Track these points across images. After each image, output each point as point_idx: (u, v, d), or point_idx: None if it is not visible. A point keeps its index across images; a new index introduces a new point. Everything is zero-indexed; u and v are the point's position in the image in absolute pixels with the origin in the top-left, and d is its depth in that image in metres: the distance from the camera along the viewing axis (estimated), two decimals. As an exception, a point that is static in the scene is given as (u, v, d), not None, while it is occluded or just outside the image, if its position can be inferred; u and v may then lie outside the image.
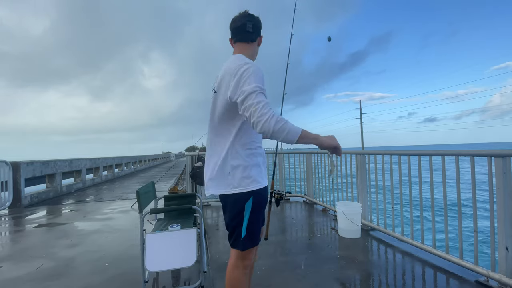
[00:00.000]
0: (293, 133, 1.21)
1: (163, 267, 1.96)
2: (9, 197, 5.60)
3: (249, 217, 1.39)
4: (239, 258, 1.45)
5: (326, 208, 4.51)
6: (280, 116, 1.21)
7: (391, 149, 3.15)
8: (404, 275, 2.30)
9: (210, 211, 4.75)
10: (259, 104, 1.21)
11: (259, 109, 1.20)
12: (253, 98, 1.22)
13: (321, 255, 2.73)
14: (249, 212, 1.39)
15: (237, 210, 1.40)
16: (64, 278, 2.40)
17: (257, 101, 1.22)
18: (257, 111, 1.20)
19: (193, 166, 4.74)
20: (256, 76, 1.28)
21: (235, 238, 1.43)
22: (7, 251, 3.14)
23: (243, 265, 1.45)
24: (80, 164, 8.94)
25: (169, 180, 10.48)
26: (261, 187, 1.42)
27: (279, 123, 1.19)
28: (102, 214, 4.85)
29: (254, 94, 1.23)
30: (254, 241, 1.44)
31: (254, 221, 1.41)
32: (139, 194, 2.10)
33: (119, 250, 3.05)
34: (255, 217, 1.41)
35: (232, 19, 1.53)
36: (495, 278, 2.03)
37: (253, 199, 1.39)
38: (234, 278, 1.44)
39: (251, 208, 1.39)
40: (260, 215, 1.45)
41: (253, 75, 1.28)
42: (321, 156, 4.70)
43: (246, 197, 1.38)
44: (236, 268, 1.45)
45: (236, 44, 1.54)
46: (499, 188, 2.01)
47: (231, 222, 1.43)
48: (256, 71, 1.31)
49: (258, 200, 1.41)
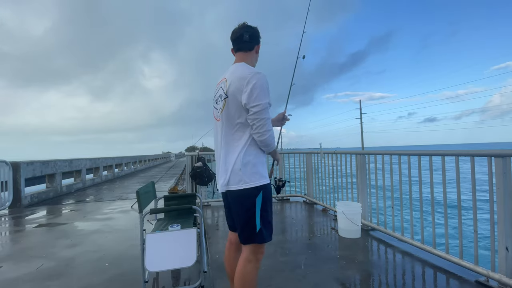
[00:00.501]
0: (272, 147, 1.59)
1: (163, 267, 1.96)
2: (9, 197, 5.60)
3: (261, 210, 1.52)
4: (252, 253, 1.53)
5: (326, 208, 4.51)
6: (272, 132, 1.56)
7: (391, 149, 3.15)
8: (404, 275, 2.30)
9: (210, 211, 4.75)
10: (267, 121, 1.51)
11: (267, 125, 1.51)
12: (264, 114, 1.49)
13: (321, 255, 2.73)
14: (260, 206, 1.51)
15: (249, 205, 1.51)
16: (64, 278, 2.40)
17: (266, 117, 1.50)
18: (265, 126, 1.50)
19: (193, 166, 4.74)
20: (266, 91, 1.52)
21: (250, 232, 1.52)
22: (7, 251, 3.14)
23: (256, 259, 1.53)
24: (80, 164, 8.94)
25: (169, 180, 10.48)
26: (268, 182, 1.59)
27: (272, 139, 1.57)
28: (102, 214, 4.85)
29: (265, 111, 1.50)
30: (270, 232, 1.57)
31: (266, 214, 1.55)
32: (139, 194, 2.10)
33: (119, 250, 3.05)
34: (266, 209, 1.56)
35: (232, 31, 1.71)
36: (495, 278, 2.03)
37: (263, 193, 1.53)
38: (248, 272, 1.51)
39: (262, 201, 1.52)
40: (270, 208, 1.60)
41: (264, 89, 1.51)
42: (321, 156, 4.70)
43: (256, 192, 1.52)
44: (249, 262, 1.52)
45: (237, 53, 1.71)
46: (499, 188, 2.01)
47: (245, 217, 1.53)
48: (265, 84, 1.53)
49: (268, 193, 1.57)
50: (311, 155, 5.13)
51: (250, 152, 1.55)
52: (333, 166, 4.24)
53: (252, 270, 1.52)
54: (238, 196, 1.54)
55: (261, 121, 1.48)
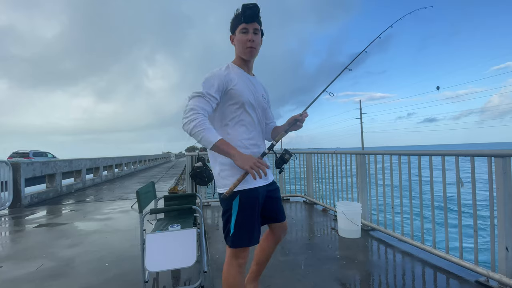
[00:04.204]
0: (205, 142, 1.31)
1: (163, 267, 1.96)
2: (9, 197, 5.60)
3: (237, 215, 1.43)
4: (231, 256, 1.49)
5: (326, 208, 4.51)
6: (201, 123, 1.29)
7: (391, 149, 3.15)
8: (404, 275, 2.30)
9: (210, 211, 4.75)
10: (188, 109, 1.33)
11: (185, 112, 1.33)
12: (189, 101, 1.35)
13: (321, 255, 2.73)
14: (236, 210, 1.43)
15: (225, 208, 1.47)
16: (64, 278, 2.40)
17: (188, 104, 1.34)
18: (184, 114, 1.33)
19: (193, 166, 4.74)
20: (208, 81, 1.40)
21: (225, 235, 1.49)
22: (7, 251, 3.14)
23: (236, 263, 1.47)
24: (80, 164, 8.94)
25: (169, 180, 10.48)
26: (248, 188, 1.44)
27: (198, 133, 1.29)
28: (102, 214, 4.85)
29: (193, 99, 1.35)
30: (243, 241, 1.45)
31: (242, 219, 1.43)
32: (139, 194, 2.10)
33: (119, 250, 3.05)
34: (244, 214, 1.43)
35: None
36: (495, 278, 2.02)
37: (240, 197, 1.43)
38: (230, 276, 1.48)
39: (238, 206, 1.43)
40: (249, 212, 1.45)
41: (206, 79, 1.40)
42: (321, 156, 4.70)
43: (233, 196, 1.41)
44: (229, 265, 1.49)
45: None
46: (499, 188, 2.01)
47: (223, 219, 1.51)
48: (211, 75, 1.41)
49: (246, 198, 1.43)
50: (311, 155, 5.12)
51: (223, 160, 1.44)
52: (333, 166, 4.24)
53: (233, 272, 1.47)
54: (220, 199, 1.49)
55: (185, 108, 1.35)
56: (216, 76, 1.42)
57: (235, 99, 1.46)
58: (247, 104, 1.48)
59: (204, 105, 1.35)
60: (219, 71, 1.46)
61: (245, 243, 1.45)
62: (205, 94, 1.36)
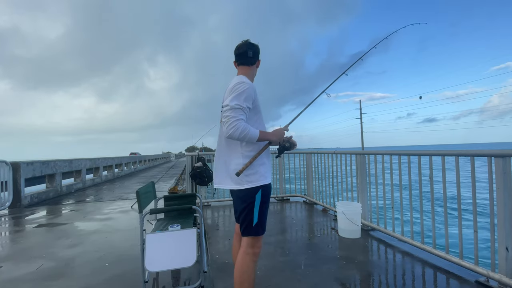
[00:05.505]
0: (250, 138, 1.57)
1: (163, 267, 1.96)
2: (9, 197, 5.60)
3: (260, 206, 1.66)
4: (248, 246, 1.66)
5: (326, 208, 4.51)
6: (243, 127, 1.54)
7: (391, 149, 3.15)
8: (404, 275, 2.30)
9: (210, 211, 4.74)
10: (232, 119, 1.55)
11: (229, 122, 1.54)
12: (229, 112, 1.56)
13: (321, 255, 2.73)
14: (259, 203, 1.65)
15: (248, 202, 1.66)
16: (64, 278, 2.40)
17: (231, 115, 1.55)
18: (227, 124, 1.55)
19: (193, 166, 4.74)
20: (242, 96, 1.60)
21: (247, 225, 1.66)
22: (7, 251, 3.14)
23: (253, 252, 1.66)
24: (80, 164, 8.93)
25: (169, 180, 10.48)
26: (268, 182, 1.69)
27: (242, 133, 1.54)
28: (102, 214, 4.85)
29: (232, 110, 1.56)
30: (264, 227, 1.70)
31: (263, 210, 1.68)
32: (139, 194, 2.10)
33: (119, 250, 3.05)
34: (264, 206, 1.68)
35: (236, 47, 1.84)
36: (495, 278, 2.03)
37: (262, 191, 1.66)
38: (244, 263, 1.63)
39: (260, 199, 1.65)
40: (267, 205, 1.73)
41: (240, 94, 1.60)
42: (321, 156, 4.70)
43: (255, 190, 1.65)
44: (246, 254, 1.65)
45: (239, 66, 1.85)
46: (499, 188, 2.01)
47: (244, 211, 1.68)
48: (244, 91, 1.61)
49: (267, 192, 1.69)
50: (311, 155, 5.13)
51: (248, 154, 1.66)
52: (333, 166, 4.24)
53: (249, 262, 1.64)
54: (239, 195, 1.70)
55: (225, 118, 1.57)
56: (250, 91, 1.65)
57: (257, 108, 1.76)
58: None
59: (243, 117, 1.60)
60: (251, 86, 1.68)
61: (263, 231, 1.69)
62: (244, 108, 1.61)
